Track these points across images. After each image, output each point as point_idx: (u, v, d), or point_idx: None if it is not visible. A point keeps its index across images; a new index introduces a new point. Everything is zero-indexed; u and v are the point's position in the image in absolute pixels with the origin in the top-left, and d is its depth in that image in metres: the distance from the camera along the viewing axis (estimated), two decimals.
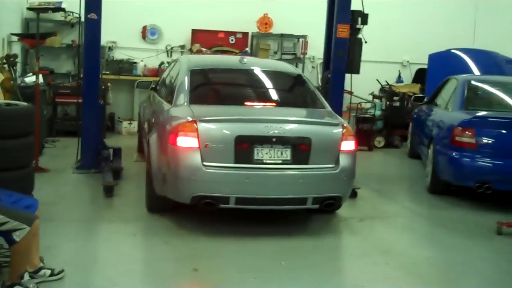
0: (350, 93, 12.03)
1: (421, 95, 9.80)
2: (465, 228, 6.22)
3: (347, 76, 12.01)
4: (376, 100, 11.48)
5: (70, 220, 5.72)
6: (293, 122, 5.57)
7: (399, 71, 12.32)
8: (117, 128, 11.11)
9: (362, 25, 8.49)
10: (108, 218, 5.89)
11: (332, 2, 8.35)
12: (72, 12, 10.33)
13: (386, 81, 11.46)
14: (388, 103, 11.04)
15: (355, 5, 8.20)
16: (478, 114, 7.08)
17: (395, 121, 10.90)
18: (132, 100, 11.33)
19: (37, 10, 8.81)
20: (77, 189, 6.99)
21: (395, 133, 11.00)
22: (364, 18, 8.45)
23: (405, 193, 7.82)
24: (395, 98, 10.92)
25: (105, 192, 6.60)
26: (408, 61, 12.54)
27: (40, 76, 8.18)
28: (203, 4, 11.46)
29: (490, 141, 6.74)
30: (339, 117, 5.98)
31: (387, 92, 11.20)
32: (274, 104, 6.02)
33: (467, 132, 6.82)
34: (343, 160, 5.55)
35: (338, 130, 5.59)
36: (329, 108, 6.12)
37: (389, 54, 12.37)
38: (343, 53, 8.09)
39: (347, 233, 5.91)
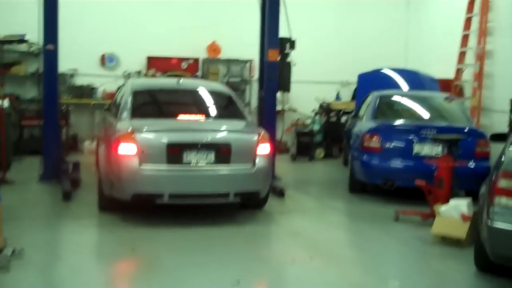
0: (294, 110, 13.47)
1: (349, 110, 11.14)
2: (369, 217, 7.49)
3: (293, 95, 13.51)
4: (316, 116, 12.79)
5: (31, 218, 6.84)
6: (216, 131, 6.84)
7: (337, 90, 13.68)
8: (79, 147, 12.22)
9: (290, 50, 9.79)
10: (65, 216, 7.05)
11: (264, 30, 9.64)
12: (35, 44, 11.49)
13: (323, 99, 12.79)
14: (326, 118, 12.36)
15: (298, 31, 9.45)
16: (382, 123, 8.41)
17: (333, 135, 12.22)
18: (93, 122, 12.45)
19: (2, 42, 10.02)
20: (39, 196, 8.12)
21: (334, 145, 12.30)
22: (292, 43, 9.77)
23: (329, 193, 9.07)
24: (331, 114, 12.26)
25: (63, 197, 7.74)
26: (347, 81, 13.90)
27: (6, 100, 9.32)
28: (157, 33, 12.70)
29: (392, 145, 8.06)
30: (257, 126, 7.25)
31: (324, 109, 12.54)
32: (202, 116, 7.26)
33: (373, 138, 8.14)
34: (259, 162, 6.79)
35: (254, 137, 6.85)
36: (249, 120, 7.39)
37: (330, 75, 13.68)
38: (274, 74, 9.33)
39: (266, 222, 7.13)
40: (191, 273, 5.25)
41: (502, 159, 4.96)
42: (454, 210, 6.38)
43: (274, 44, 9.29)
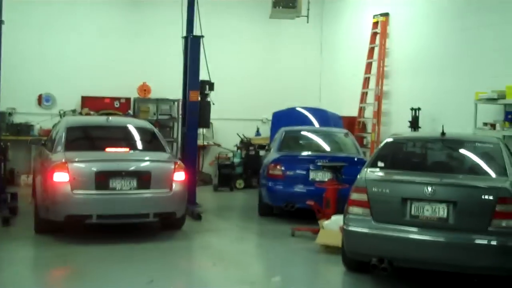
0: (218, 145, 14.88)
1: (264, 144, 12.67)
2: (270, 234, 8.92)
3: (218, 131, 14.91)
4: (238, 150, 14.25)
5: None
6: (138, 161, 8.18)
7: (257, 126, 15.21)
8: (17, 181, 13.20)
9: (209, 91, 11.21)
10: (4, 238, 8.11)
11: (186, 73, 11.05)
12: None
13: (243, 135, 14.29)
14: (246, 152, 13.84)
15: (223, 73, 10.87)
16: (284, 154, 9.94)
17: (252, 167, 13.64)
18: (30, 157, 13.45)
19: None
20: None
21: (253, 176, 13.73)
22: (211, 85, 11.18)
23: (241, 217, 10.47)
24: (250, 148, 13.75)
25: (2, 223, 8.80)
26: (267, 118, 15.39)
27: None
28: (91, 74, 13.92)
29: (292, 173, 9.57)
30: (174, 157, 8.59)
31: (245, 143, 14.03)
32: (127, 149, 8.55)
33: (277, 167, 9.62)
34: (175, 187, 8.14)
35: (171, 166, 8.20)
36: (168, 152, 8.73)
37: (252, 112, 15.20)
38: (195, 112, 10.71)
39: (182, 239, 8.42)
40: (113, 277, 6.48)
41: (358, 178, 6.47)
42: (335, 224, 7.83)
43: (195, 86, 10.70)
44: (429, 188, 5.83)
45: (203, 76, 10.89)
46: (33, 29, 13.66)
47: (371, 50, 13.72)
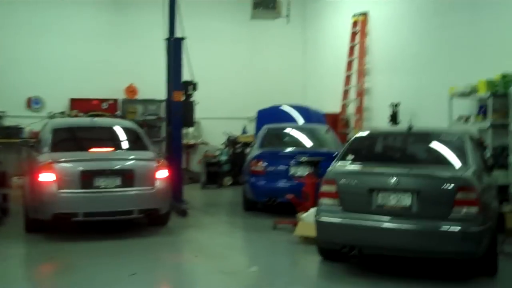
0: (206, 143, 15.22)
1: (249, 141, 13.02)
2: (253, 227, 9.29)
3: (205, 130, 15.21)
4: (225, 148, 14.59)
5: None
6: (121, 160, 8.52)
7: (244, 124, 15.55)
8: (8, 183, 13.45)
9: (193, 91, 11.54)
10: None
11: (170, 74, 11.36)
12: None
13: (229, 133, 14.62)
14: (232, 150, 14.18)
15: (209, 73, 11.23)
16: (265, 150, 10.29)
17: (239, 164, 13.94)
18: (20, 159, 13.74)
19: None
20: None
21: (240, 173, 14.06)
22: (194, 86, 11.50)
23: (227, 212, 10.85)
24: (237, 146, 14.09)
25: None
26: (253, 116, 15.72)
27: None
28: (79, 77, 14.27)
29: (273, 169, 9.92)
30: (157, 155, 8.90)
31: (231, 141, 14.37)
32: (111, 148, 8.90)
33: (258, 163, 9.97)
34: (158, 184, 8.48)
35: (154, 164, 8.53)
36: (151, 150, 9.05)
37: (238, 111, 15.53)
38: (179, 112, 11.03)
39: (166, 234, 8.74)
40: (97, 270, 6.81)
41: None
42: (312, 216, 8.17)
43: (178, 86, 11.03)
44: (394, 179, 6.18)
45: (188, 76, 11.23)
46: (21, 33, 14.01)
47: (352, 49, 14.08)
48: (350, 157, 6.93)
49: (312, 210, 8.25)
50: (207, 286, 6.40)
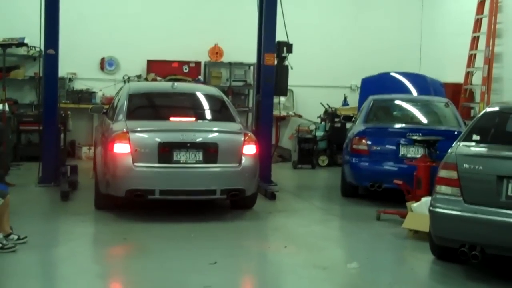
0: (299, 116, 15.22)
1: (351, 115, 12.87)
2: (353, 216, 9.23)
3: (299, 100, 15.22)
4: (322, 122, 14.51)
5: (31, 214, 8.65)
6: (204, 132, 8.65)
7: (344, 94, 15.37)
8: (78, 153, 14.11)
9: (287, 53, 11.51)
10: (63, 212, 8.87)
11: (261, 34, 11.40)
12: (34, 47, 13.41)
13: (327, 104, 14.50)
14: (330, 124, 14.08)
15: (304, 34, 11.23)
16: (370, 126, 10.12)
17: (338, 141, 13.85)
18: (92, 127, 14.29)
19: (2, 46, 11.97)
20: (38, 197, 9.97)
21: (339, 152, 13.97)
22: (289, 47, 11.49)
23: (321, 197, 10.84)
24: (336, 119, 13.97)
25: (61, 197, 9.56)
26: (356, 85, 15.54)
27: (6, 105, 11.23)
28: (158, 36, 14.57)
29: (379, 148, 9.76)
30: (244, 128, 8.99)
31: (329, 114, 14.25)
32: (193, 118, 9.07)
33: (362, 141, 9.85)
34: (245, 161, 8.56)
35: (240, 138, 8.62)
36: (239, 122, 9.14)
37: (339, 79, 15.42)
38: (270, 78, 11.07)
39: (252, 219, 8.86)
40: (174, 255, 7.01)
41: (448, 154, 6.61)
42: (425, 207, 7.98)
43: (271, 48, 11.05)
44: None
45: (280, 37, 11.21)
46: None
47: (481, 4, 13.52)
48: (476, 137, 6.68)
49: (425, 200, 8.07)
50: (297, 283, 6.43)
